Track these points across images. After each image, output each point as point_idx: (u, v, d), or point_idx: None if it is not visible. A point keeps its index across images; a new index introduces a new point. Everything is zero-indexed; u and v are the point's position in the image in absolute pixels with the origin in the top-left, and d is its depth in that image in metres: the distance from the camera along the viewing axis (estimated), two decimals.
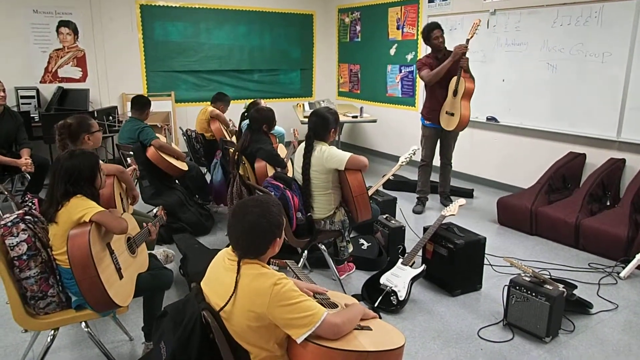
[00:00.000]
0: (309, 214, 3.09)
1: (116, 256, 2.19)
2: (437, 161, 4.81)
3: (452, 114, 4.41)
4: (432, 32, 4.43)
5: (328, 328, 1.58)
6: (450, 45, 4.40)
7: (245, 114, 4.16)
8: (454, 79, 4.34)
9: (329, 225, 3.15)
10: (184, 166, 4.36)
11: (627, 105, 4.30)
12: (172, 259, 3.30)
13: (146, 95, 4.79)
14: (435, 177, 4.99)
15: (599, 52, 4.45)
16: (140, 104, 4.26)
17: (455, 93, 4.37)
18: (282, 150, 4.41)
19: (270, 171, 3.69)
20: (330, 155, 3.00)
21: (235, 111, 5.54)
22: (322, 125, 3.08)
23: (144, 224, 2.57)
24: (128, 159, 3.60)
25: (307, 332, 1.55)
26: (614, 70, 4.35)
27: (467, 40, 4.24)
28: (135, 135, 4.13)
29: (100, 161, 2.35)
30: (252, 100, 5.03)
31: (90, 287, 2.01)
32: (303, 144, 3.15)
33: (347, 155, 2.99)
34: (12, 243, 2.04)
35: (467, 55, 4.28)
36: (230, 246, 1.74)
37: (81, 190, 2.18)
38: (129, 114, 4.42)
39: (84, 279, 2.00)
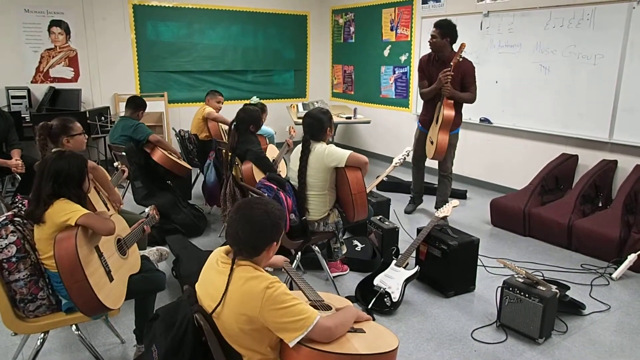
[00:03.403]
0: (303, 218, 3.08)
1: (105, 259, 2.16)
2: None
3: (432, 142, 4.25)
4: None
5: (321, 332, 1.57)
6: (457, 47, 4.16)
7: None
8: (438, 104, 4.14)
9: (322, 227, 3.14)
10: (186, 164, 4.36)
11: (619, 106, 4.33)
12: (166, 256, 3.28)
13: (139, 96, 4.76)
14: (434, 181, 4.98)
15: (591, 54, 4.47)
16: (135, 103, 4.29)
17: (437, 120, 4.18)
18: (273, 151, 4.39)
19: (257, 173, 3.64)
20: (330, 152, 3.01)
21: (230, 112, 5.50)
22: (317, 126, 3.09)
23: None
24: (115, 163, 3.56)
25: (299, 336, 1.54)
26: (606, 71, 4.37)
27: (451, 66, 3.94)
28: (129, 132, 4.12)
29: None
30: (254, 101, 5.04)
31: (79, 291, 1.98)
32: (299, 147, 3.15)
33: (347, 152, 3.00)
34: (1, 245, 2.01)
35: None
36: (224, 248, 1.73)
37: (68, 191, 2.14)
38: (122, 114, 4.40)
39: (72, 284, 1.97)
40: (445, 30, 4.08)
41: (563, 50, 4.67)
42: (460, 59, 3.99)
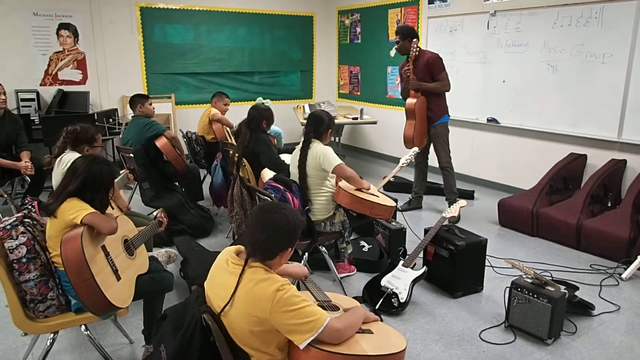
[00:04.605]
0: (307, 208, 3.10)
1: (112, 258, 2.18)
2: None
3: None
4: None
5: (331, 333, 1.58)
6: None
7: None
8: None
9: (329, 227, 3.15)
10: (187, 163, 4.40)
11: (628, 106, 4.29)
12: (174, 258, 3.29)
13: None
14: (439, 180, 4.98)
15: (599, 53, 4.44)
16: (138, 98, 4.37)
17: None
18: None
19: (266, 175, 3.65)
20: (324, 154, 3.06)
21: (237, 113, 5.53)
22: (318, 125, 3.14)
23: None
24: (122, 171, 3.61)
25: (309, 338, 1.54)
26: (615, 70, 4.34)
27: (408, 61, 4.26)
28: (144, 130, 4.16)
29: None
30: (266, 103, 5.11)
31: (87, 290, 1.99)
32: (299, 147, 3.19)
33: (337, 161, 3.04)
34: (12, 246, 2.03)
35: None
36: (234, 248, 1.73)
37: (94, 194, 2.19)
38: (130, 116, 4.45)
39: (79, 283, 1.99)
40: (404, 33, 4.37)
41: (571, 49, 4.64)
42: (416, 52, 4.27)
